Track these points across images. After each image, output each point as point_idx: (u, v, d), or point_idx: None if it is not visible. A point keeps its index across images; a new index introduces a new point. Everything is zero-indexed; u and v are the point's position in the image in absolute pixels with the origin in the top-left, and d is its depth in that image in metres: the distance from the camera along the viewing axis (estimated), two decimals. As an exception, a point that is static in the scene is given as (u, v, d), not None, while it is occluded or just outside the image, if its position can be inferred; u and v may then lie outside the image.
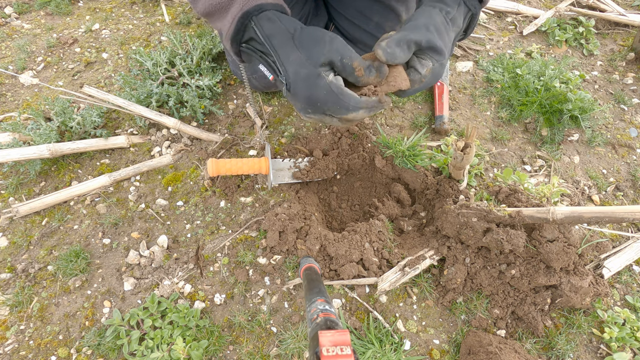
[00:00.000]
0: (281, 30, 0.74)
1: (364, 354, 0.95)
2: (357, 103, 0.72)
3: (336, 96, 0.71)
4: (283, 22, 0.76)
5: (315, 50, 0.73)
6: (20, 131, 1.30)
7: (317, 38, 0.74)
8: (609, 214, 0.92)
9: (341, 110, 0.72)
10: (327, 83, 0.71)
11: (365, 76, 0.73)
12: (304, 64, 0.72)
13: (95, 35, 1.70)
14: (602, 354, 1.00)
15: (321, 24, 1.35)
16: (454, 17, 0.80)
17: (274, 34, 0.74)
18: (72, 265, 1.09)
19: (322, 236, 1.07)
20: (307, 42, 0.74)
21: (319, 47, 0.73)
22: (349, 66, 0.73)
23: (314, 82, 0.71)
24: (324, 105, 0.73)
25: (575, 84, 1.43)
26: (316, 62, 0.72)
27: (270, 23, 0.75)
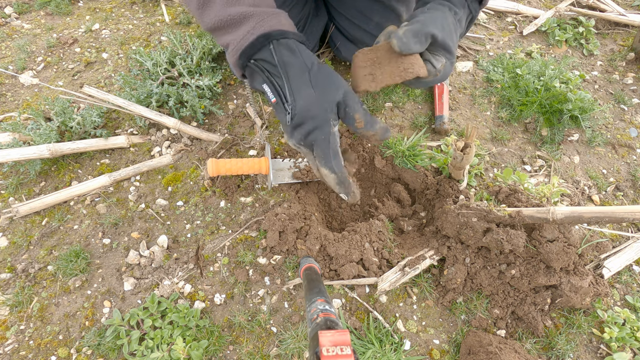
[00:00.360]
0: (299, 62, 0.75)
1: (364, 354, 0.95)
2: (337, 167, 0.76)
3: (329, 148, 0.75)
4: (302, 54, 0.76)
5: (329, 94, 0.75)
6: (20, 131, 1.30)
7: (334, 82, 0.76)
8: (609, 214, 0.92)
9: (322, 161, 0.77)
10: (329, 132, 0.75)
11: (363, 129, 0.77)
12: (316, 104, 0.74)
13: (95, 35, 1.70)
14: (602, 354, 1.00)
15: (321, 23, 1.35)
16: (460, 19, 0.82)
17: (291, 63, 0.75)
18: (72, 265, 1.09)
19: (322, 236, 1.07)
20: (323, 82, 0.75)
21: (334, 92, 0.75)
22: (351, 117, 0.77)
23: (320, 124, 0.74)
24: (315, 148, 0.77)
25: (575, 84, 1.43)
26: (328, 107, 0.74)
27: (289, 52, 0.75)
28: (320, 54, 1.52)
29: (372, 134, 0.77)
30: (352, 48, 1.36)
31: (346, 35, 1.36)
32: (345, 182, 0.78)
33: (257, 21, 0.75)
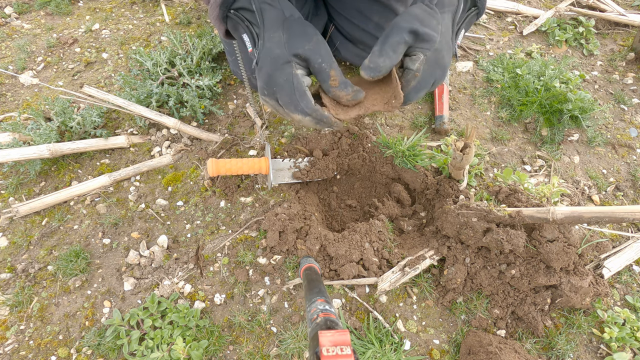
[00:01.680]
0: (277, 10, 0.73)
1: (364, 354, 0.95)
2: (307, 107, 0.70)
3: (292, 90, 0.69)
4: (281, 3, 0.74)
5: (298, 39, 0.71)
6: (20, 131, 1.30)
7: (308, 33, 0.73)
8: (609, 214, 0.92)
9: (290, 106, 0.71)
10: (291, 72, 0.69)
11: (338, 89, 0.71)
12: (281, 46, 0.70)
13: (95, 35, 1.70)
14: (602, 354, 1.00)
15: (321, 23, 1.35)
16: (441, 0, 0.74)
17: (269, 10, 0.73)
18: (72, 265, 1.09)
19: (322, 236, 1.07)
20: (296, 30, 0.72)
21: (304, 39, 0.72)
22: (326, 72, 0.71)
23: (280, 65, 0.70)
24: (278, 93, 0.71)
25: (575, 84, 1.42)
26: (293, 49, 0.70)
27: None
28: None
29: (345, 94, 0.71)
30: (352, 48, 1.36)
31: (345, 35, 1.36)
32: (324, 118, 0.71)
33: None
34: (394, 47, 0.67)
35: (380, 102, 0.73)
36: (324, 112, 0.71)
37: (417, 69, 0.70)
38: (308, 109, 0.70)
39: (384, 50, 0.67)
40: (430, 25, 0.70)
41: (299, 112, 0.70)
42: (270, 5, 0.73)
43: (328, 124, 0.72)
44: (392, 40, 0.68)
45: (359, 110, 0.74)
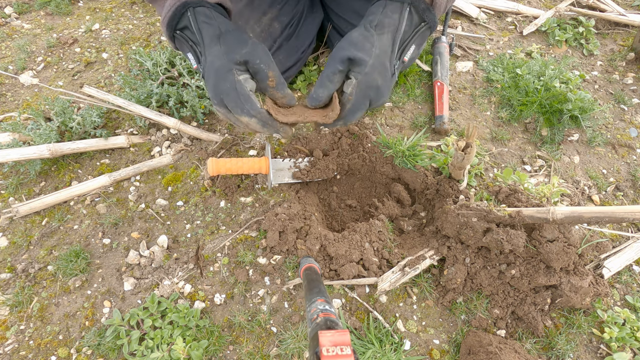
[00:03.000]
0: (213, 26, 0.79)
1: (364, 354, 0.95)
2: (252, 109, 0.74)
3: (237, 95, 0.74)
4: (217, 20, 0.80)
5: (235, 47, 0.76)
6: (20, 131, 1.30)
7: (242, 40, 0.77)
8: (609, 214, 0.92)
9: (237, 110, 0.75)
10: (233, 79, 0.74)
11: (275, 89, 0.75)
12: (221, 57, 0.75)
13: (95, 35, 1.70)
14: (602, 354, 1.00)
15: (317, 21, 1.35)
16: (380, 21, 0.78)
17: (206, 27, 0.78)
18: (72, 265, 1.09)
19: (322, 236, 1.07)
20: (231, 40, 0.77)
21: (240, 46, 0.77)
22: (264, 72, 0.76)
23: (223, 75, 0.74)
24: (225, 100, 0.76)
25: (575, 84, 1.42)
26: (232, 58, 0.75)
27: (206, 18, 0.79)
28: (320, 54, 1.52)
29: (281, 96, 0.76)
30: None
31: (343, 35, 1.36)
32: (269, 121, 0.76)
33: None
34: (330, 77, 0.74)
35: (320, 114, 0.79)
36: (269, 116, 0.76)
37: (350, 93, 0.76)
38: (253, 111, 0.75)
39: (322, 82, 0.74)
40: (364, 49, 0.75)
41: (245, 114, 0.75)
42: (207, 23, 0.79)
43: (274, 127, 0.77)
44: (328, 72, 0.74)
45: (298, 117, 0.80)
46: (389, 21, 0.78)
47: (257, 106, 0.75)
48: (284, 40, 1.27)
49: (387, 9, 0.78)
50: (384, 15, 0.78)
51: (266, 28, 1.23)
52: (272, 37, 1.25)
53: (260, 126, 0.77)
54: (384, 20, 0.78)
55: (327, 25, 1.39)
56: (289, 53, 1.30)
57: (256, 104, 0.75)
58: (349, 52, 0.74)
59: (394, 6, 0.78)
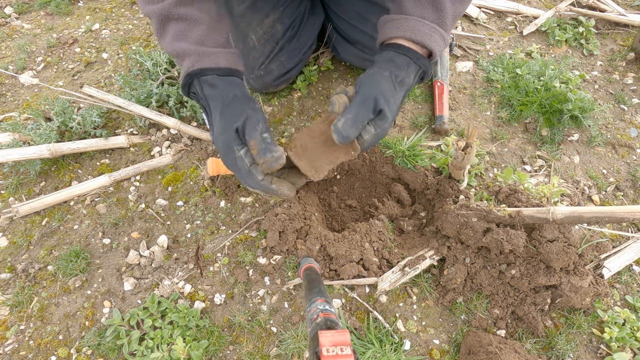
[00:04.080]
0: (217, 95, 0.83)
1: (364, 354, 0.95)
2: (254, 184, 0.79)
3: (239, 170, 0.79)
4: (220, 88, 0.83)
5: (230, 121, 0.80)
6: (20, 131, 1.30)
7: (236, 109, 0.81)
8: (609, 214, 0.92)
9: (242, 182, 0.81)
10: (234, 156, 0.79)
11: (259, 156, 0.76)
12: (223, 132, 0.80)
13: (95, 35, 1.70)
14: (602, 354, 1.00)
15: (318, 22, 1.36)
16: (403, 79, 0.83)
17: (211, 97, 0.83)
18: (72, 265, 1.09)
19: (322, 236, 1.07)
20: (229, 111, 0.81)
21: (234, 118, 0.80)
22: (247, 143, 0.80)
23: (226, 152, 0.80)
24: (233, 172, 0.82)
25: (575, 84, 1.42)
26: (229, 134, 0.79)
27: (210, 87, 0.83)
28: (320, 54, 1.52)
29: (262, 161, 0.76)
30: (350, 49, 1.36)
31: (344, 36, 1.36)
32: (271, 190, 0.81)
33: (194, 60, 0.84)
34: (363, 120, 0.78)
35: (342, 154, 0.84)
36: (271, 185, 0.80)
37: (366, 139, 0.81)
38: (255, 185, 0.79)
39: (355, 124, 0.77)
40: (389, 105, 0.80)
41: (248, 186, 0.80)
42: (212, 93, 0.83)
43: (275, 193, 0.81)
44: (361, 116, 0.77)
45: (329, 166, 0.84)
46: (408, 81, 0.85)
47: (258, 180, 0.79)
48: (286, 42, 1.27)
49: (409, 68, 0.84)
50: (406, 74, 0.84)
51: (269, 30, 1.23)
52: (275, 39, 1.25)
53: (264, 193, 0.86)
54: (405, 79, 0.84)
55: (328, 26, 1.39)
56: (290, 54, 1.30)
57: (257, 178, 0.78)
58: (381, 104, 0.78)
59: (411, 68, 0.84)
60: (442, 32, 0.87)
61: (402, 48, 0.85)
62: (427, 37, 0.84)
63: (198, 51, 0.84)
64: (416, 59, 0.85)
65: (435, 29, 0.86)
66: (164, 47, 0.89)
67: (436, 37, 0.86)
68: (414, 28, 0.84)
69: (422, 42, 0.84)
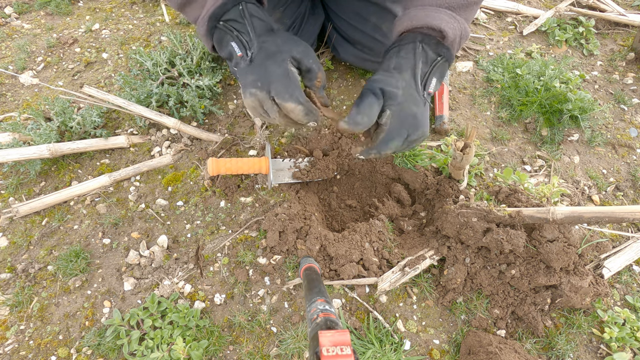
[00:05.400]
0: (265, 22, 0.82)
1: (364, 354, 0.95)
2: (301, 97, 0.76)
3: (289, 81, 0.76)
4: (268, 19, 0.83)
5: (290, 44, 0.79)
6: (20, 131, 1.30)
7: (297, 40, 0.81)
8: (609, 214, 0.92)
9: (285, 94, 0.75)
10: (287, 68, 0.76)
11: (319, 89, 0.81)
12: (277, 46, 0.78)
13: (95, 35, 1.70)
14: (602, 354, 1.00)
15: (318, 22, 1.36)
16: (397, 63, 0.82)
17: (258, 21, 0.81)
18: (72, 265, 1.09)
19: (322, 236, 1.07)
20: (286, 37, 0.80)
21: (296, 44, 0.80)
22: (315, 72, 0.80)
23: (277, 60, 0.77)
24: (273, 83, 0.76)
25: (575, 84, 1.42)
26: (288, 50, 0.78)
27: (257, 13, 0.81)
28: (320, 54, 1.52)
29: (320, 96, 0.82)
30: (350, 49, 1.36)
31: (344, 37, 1.36)
32: (313, 110, 0.78)
33: None
34: (371, 105, 0.76)
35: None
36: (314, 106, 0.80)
37: (384, 122, 0.79)
38: (302, 98, 0.76)
39: (362, 109, 0.76)
40: (391, 84, 0.79)
41: (293, 100, 0.75)
42: (259, 18, 0.82)
43: (315, 116, 0.79)
44: (367, 100, 0.76)
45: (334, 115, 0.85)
46: (405, 61, 0.82)
47: (304, 95, 0.77)
48: None
49: (401, 52, 0.83)
50: (399, 58, 0.82)
51: None
52: None
53: (304, 114, 0.77)
54: (400, 62, 0.82)
55: (328, 26, 1.39)
56: None
57: (303, 93, 0.77)
58: (379, 84, 0.77)
59: (406, 48, 0.83)
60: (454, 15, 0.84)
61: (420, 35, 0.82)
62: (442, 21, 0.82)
63: None
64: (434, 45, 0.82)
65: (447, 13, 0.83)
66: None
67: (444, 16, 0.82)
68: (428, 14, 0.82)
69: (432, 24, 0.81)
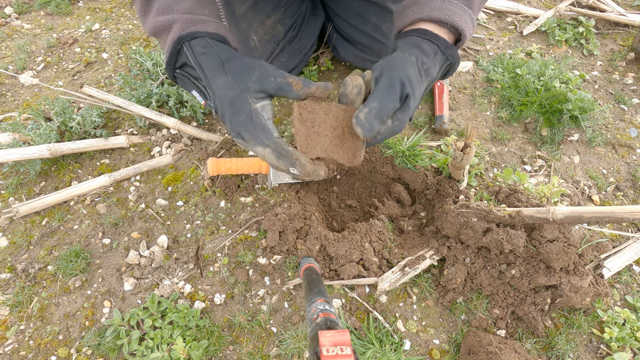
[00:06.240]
0: (212, 56, 0.75)
1: (364, 354, 0.95)
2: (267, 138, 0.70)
3: (253, 125, 0.70)
4: (215, 49, 0.75)
5: (243, 76, 0.73)
6: (20, 131, 1.30)
7: (248, 65, 0.74)
8: (609, 214, 0.92)
9: (252, 141, 0.71)
10: (250, 109, 0.70)
11: (304, 87, 0.72)
12: (232, 87, 0.72)
13: (95, 35, 1.69)
14: (602, 354, 1.00)
15: (318, 23, 1.36)
16: (428, 68, 0.75)
17: (205, 59, 0.75)
18: (72, 265, 1.09)
19: (322, 236, 1.07)
20: (237, 68, 0.74)
21: (248, 73, 0.73)
22: (285, 83, 0.73)
23: (238, 105, 0.71)
24: (242, 132, 0.71)
25: (575, 84, 1.43)
26: (245, 87, 0.72)
27: (203, 49, 0.75)
28: (320, 54, 1.52)
29: (314, 89, 0.73)
30: (350, 49, 1.36)
31: (344, 37, 1.36)
32: (284, 152, 0.70)
33: (182, 26, 0.76)
34: (389, 110, 0.70)
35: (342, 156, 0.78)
36: (286, 145, 0.71)
37: (380, 132, 0.74)
38: (267, 140, 0.70)
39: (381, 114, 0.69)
40: (414, 94, 0.72)
41: (259, 144, 0.71)
42: (205, 54, 0.75)
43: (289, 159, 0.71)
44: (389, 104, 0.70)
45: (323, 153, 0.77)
46: (433, 71, 0.76)
47: (273, 135, 0.70)
48: (287, 42, 1.27)
49: (437, 57, 0.76)
50: (432, 64, 0.75)
51: (270, 31, 1.23)
52: (276, 40, 1.25)
53: (275, 157, 0.71)
54: (430, 69, 0.75)
55: (328, 26, 1.39)
56: (291, 55, 1.30)
57: (272, 133, 0.71)
58: (408, 90, 0.71)
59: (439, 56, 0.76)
60: (471, 13, 0.77)
61: (427, 34, 0.75)
62: (457, 16, 0.74)
63: (187, 19, 0.76)
64: (444, 47, 0.75)
65: (464, 9, 0.76)
66: (147, 26, 0.80)
67: (466, 18, 0.76)
68: (441, 7, 0.75)
69: (452, 21, 0.74)
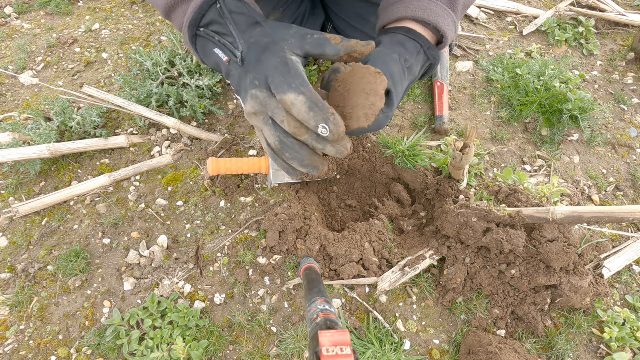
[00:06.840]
0: (247, 16, 0.72)
1: (364, 354, 0.95)
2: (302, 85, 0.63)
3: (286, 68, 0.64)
4: (249, 11, 0.73)
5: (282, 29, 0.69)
6: (20, 131, 1.30)
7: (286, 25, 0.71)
8: (609, 214, 0.92)
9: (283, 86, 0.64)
10: (285, 55, 0.65)
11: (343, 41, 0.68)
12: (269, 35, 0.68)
13: (95, 35, 1.69)
14: (602, 354, 1.00)
15: (318, 23, 1.36)
16: (411, 66, 0.75)
17: (239, 17, 0.71)
18: (72, 265, 1.09)
19: (322, 236, 1.07)
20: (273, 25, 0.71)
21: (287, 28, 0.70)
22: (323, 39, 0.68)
23: (273, 51, 0.66)
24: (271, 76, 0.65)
25: (575, 84, 1.43)
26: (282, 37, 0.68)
27: (236, 8, 0.72)
28: (320, 54, 1.51)
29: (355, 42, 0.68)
30: None
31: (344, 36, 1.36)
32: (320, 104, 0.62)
33: None
34: None
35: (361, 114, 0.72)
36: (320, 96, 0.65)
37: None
38: (303, 87, 0.63)
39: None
40: (397, 90, 0.70)
41: (292, 90, 0.62)
42: (240, 14, 0.72)
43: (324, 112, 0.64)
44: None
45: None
46: (415, 70, 0.76)
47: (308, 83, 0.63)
48: None
49: (419, 56, 0.76)
50: (415, 62, 0.75)
51: None
52: None
53: (307, 108, 0.62)
54: (413, 67, 0.75)
55: (328, 26, 1.39)
56: None
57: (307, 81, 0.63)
58: (390, 86, 0.70)
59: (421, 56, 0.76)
60: (454, 17, 0.79)
61: (412, 33, 0.76)
62: (440, 18, 0.76)
63: None
64: (427, 47, 0.76)
65: (448, 12, 0.77)
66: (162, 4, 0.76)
67: (449, 21, 0.78)
68: (426, 8, 0.75)
69: (435, 23, 0.75)
